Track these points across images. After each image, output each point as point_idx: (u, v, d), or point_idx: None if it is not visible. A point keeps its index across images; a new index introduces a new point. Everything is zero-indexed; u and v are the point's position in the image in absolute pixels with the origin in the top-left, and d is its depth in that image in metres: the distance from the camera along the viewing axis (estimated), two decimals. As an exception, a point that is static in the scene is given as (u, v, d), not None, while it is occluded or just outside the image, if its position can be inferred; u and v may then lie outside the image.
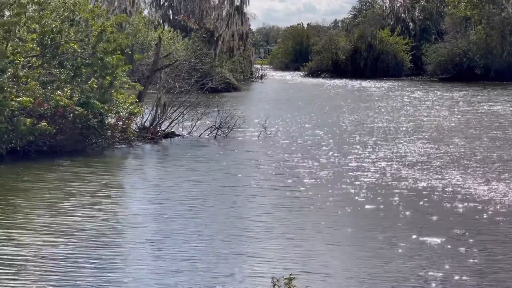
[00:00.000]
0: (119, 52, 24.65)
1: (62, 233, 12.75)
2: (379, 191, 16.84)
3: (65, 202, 15.35)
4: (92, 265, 10.93)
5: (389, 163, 20.95)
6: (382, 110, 40.98)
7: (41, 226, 13.25)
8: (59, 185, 17.29)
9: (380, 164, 20.65)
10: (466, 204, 15.47)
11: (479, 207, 15.17)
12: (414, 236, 12.81)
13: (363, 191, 16.83)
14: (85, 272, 10.60)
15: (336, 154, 22.69)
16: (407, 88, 65.27)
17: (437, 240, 12.54)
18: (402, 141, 26.02)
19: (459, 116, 36.97)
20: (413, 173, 19.25)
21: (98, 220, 13.78)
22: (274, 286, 7.88)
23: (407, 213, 14.75)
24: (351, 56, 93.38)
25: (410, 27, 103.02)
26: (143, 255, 11.74)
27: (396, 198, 16.03)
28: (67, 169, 19.74)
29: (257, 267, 11.11)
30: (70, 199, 15.62)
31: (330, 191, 16.92)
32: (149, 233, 13.12)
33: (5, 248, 11.73)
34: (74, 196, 16.04)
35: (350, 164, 20.68)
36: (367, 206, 15.30)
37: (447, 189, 17.02)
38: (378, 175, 18.96)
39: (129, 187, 18.41)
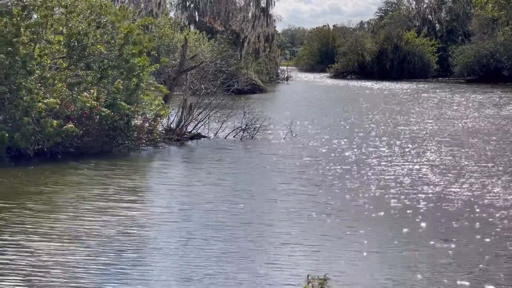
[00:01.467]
0: (144, 55, 24.72)
1: (75, 238, 12.51)
2: (403, 196, 16.65)
3: (84, 206, 15.14)
4: (104, 272, 10.73)
5: (415, 167, 20.77)
6: (409, 112, 40.72)
7: (55, 231, 13.02)
8: (81, 189, 17.14)
9: (406, 169, 20.48)
10: (491, 210, 15.28)
11: (505, 213, 14.98)
12: (439, 243, 12.64)
13: (388, 196, 16.69)
14: (97, 279, 10.43)
15: (361, 158, 22.55)
16: (434, 90, 64.87)
17: (462, 247, 12.40)
18: (429, 145, 25.81)
19: (487, 118, 36.61)
20: (439, 178, 19.05)
21: (112, 225, 13.54)
22: (308, 283, 7.87)
23: (432, 219, 14.50)
24: (377, 58, 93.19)
25: (437, 28, 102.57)
26: (160, 261, 11.47)
27: (421, 204, 15.81)
28: (91, 172, 19.73)
29: (277, 272, 10.97)
30: (89, 203, 15.39)
31: (353, 195, 16.77)
32: (167, 239, 12.88)
33: (15, 254, 11.50)
34: (93, 200, 15.83)
35: (375, 168, 20.53)
36: (391, 212, 15.14)
37: (473, 194, 16.80)
38: (403, 180, 18.80)
39: (151, 190, 18.29)
